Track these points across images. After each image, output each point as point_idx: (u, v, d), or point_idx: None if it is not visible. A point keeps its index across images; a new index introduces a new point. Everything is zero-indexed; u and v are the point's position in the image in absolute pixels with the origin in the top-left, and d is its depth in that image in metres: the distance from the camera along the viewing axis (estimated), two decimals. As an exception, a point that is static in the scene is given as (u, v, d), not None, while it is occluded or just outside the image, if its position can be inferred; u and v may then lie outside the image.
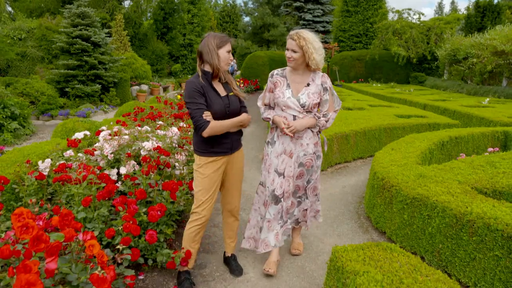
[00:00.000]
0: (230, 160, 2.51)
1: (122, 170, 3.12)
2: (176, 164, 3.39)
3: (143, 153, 3.31)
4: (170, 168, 3.29)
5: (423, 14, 19.61)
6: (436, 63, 18.20)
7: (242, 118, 2.41)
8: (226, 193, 2.62)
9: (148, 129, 3.98)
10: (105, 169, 3.17)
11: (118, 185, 2.91)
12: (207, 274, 2.67)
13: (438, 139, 4.66)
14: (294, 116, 2.59)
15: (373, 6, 23.37)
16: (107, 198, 2.55)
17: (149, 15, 22.77)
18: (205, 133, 2.26)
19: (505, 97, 12.08)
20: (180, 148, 3.80)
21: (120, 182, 3.11)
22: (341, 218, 3.69)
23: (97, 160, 3.49)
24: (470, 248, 2.33)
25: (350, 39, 24.51)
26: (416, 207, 2.73)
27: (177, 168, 3.37)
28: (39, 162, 3.26)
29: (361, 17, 23.86)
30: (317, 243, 3.17)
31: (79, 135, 4.18)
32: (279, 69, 2.75)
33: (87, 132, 4.35)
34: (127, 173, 3.00)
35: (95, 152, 3.45)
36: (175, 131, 3.99)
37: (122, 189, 2.96)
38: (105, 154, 3.41)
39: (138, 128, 4.19)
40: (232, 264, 2.74)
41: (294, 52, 2.51)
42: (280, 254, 2.89)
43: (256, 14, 30.25)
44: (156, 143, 3.44)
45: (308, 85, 2.61)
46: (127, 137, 3.67)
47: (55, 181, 2.72)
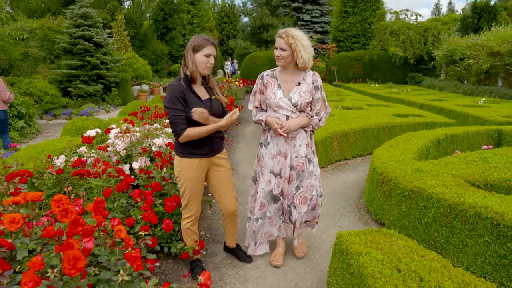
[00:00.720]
0: (214, 162, 2.49)
1: (135, 165, 3.30)
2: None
3: (154, 149, 3.50)
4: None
5: (420, 15, 19.86)
6: (433, 63, 18.43)
7: (221, 124, 2.33)
8: (220, 198, 2.58)
9: (158, 126, 4.16)
10: (118, 165, 3.34)
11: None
12: (218, 262, 2.85)
13: (434, 137, 4.85)
14: (287, 116, 2.57)
15: (371, 7, 23.63)
16: (124, 191, 2.73)
17: (148, 15, 22.94)
18: (181, 140, 2.28)
19: (500, 97, 12.31)
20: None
21: (133, 177, 3.29)
22: (342, 212, 3.87)
23: (109, 156, 3.67)
24: (462, 235, 2.52)
25: (348, 40, 24.75)
26: (413, 199, 2.92)
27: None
28: (54, 158, 3.44)
29: (359, 17, 24.11)
30: (320, 234, 3.36)
31: (91, 133, 4.34)
32: (269, 70, 2.72)
33: (98, 130, 4.51)
34: (140, 167, 3.18)
35: (108, 149, 3.62)
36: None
37: (135, 183, 3.14)
38: (117, 150, 3.59)
39: (146, 126, 4.37)
40: (239, 254, 2.87)
41: (283, 50, 2.48)
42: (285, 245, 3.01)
43: (255, 14, 30.36)
44: (167, 140, 3.62)
45: (299, 84, 2.59)
46: (138, 134, 3.84)
47: (74, 174, 2.89)
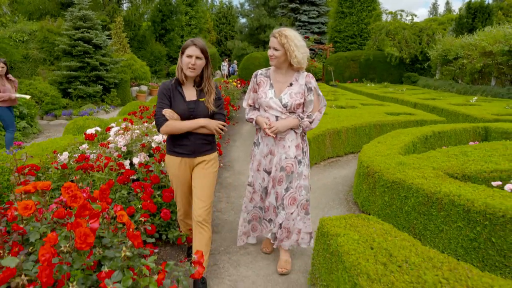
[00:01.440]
0: (197, 164, 2.48)
1: (135, 160, 3.50)
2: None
3: (153, 145, 3.70)
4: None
5: (415, 15, 20.13)
6: (428, 63, 18.67)
7: (202, 122, 2.34)
8: (193, 201, 2.49)
9: (157, 124, 4.35)
10: (119, 159, 3.55)
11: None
12: (213, 249, 3.05)
13: (422, 133, 5.06)
14: (277, 116, 2.55)
15: (367, 7, 23.88)
16: (125, 183, 2.93)
17: (146, 16, 23.14)
18: (161, 130, 2.33)
19: (493, 96, 12.54)
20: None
21: (133, 170, 3.49)
22: (331, 204, 4.08)
23: (110, 152, 3.87)
24: (438, 222, 2.73)
25: (345, 40, 24.99)
26: (395, 190, 3.12)
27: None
28: (58, 154, 3.65)
29: (355, 18, 24.36)
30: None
31: (91, 131, 4.54)
32: (264, 69, 2.72)
33: (98, 128, 4.72)
34: (140, 162, 3.38)
35: (110, 145, 3.82)
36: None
37: (135, 177, 3.34)
38: (118, 146, 3.79)
39: (145, 125, 4.58)
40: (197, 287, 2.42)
41: (276, 50, 2.47)
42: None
43: (253, 15, 30.64)
44: (165, 136, 3.82)
45: (291, 85, 2.57)
46: (138, 131, 4.04)
47: (78, 168, 3.09)
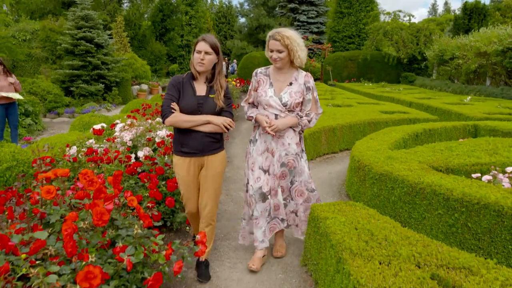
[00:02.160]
0: (204, 163, 2.51)
1: (140, 153, 3.72)
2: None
3: (157, 139, 3.93)
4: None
5: (413, 16, 20.34)
6: (425, 63, 18.92)
7: (209, 118, 2.39)
8: (200, 198, 2.58)
9: (160, 120, 4.58)
10: (128, 152, 3.78)
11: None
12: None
13: (412, 130, 5.30)
14: (276, 115, 2.59)
15: (366, 8, 24.10)
16: (133, 174, 3.16)
17: (146, 16, 23.33)
18: (167, 122, 2.37)
19: (487, 96, 12.79)
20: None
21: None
22: (325, 197, 4.31)
23: (117, 146, 4.10)
24: (421, 210, 2.96)
25: (344, 40, 25.20)
26: (383, 181, 3.36)
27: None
28: (67, 149, 3.88)
29: (354, 18, 24.57)
30: (304, 215, 3.79)
31: (98, 127, 4.77)
32: (263, 67, 2.75)
33: (104, 124, 4.95)
34: (145, 155, 3.61)
35: (116, 140, 4.05)
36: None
37: (140, 170, 3.57)
38: (124, 141, 4.02)
39: (149, 121, 4.81)
40: (201, 269, 2.62)
41: (280, 52, 2.49)
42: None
43: (252, 15, 30.89)
44: (168, 132, 4.05)
45: (290, 84, 2.62)
46: (142, 127, 4.27)
47: (89, 160, 3.31)
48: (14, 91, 6.35)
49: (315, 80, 21.39)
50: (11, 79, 6.22)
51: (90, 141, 4.20)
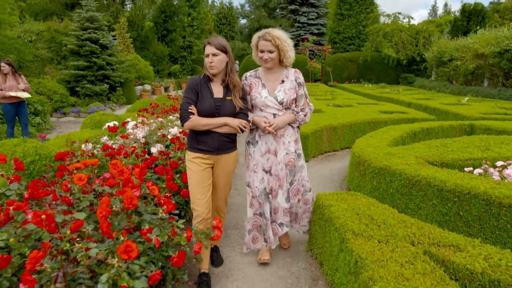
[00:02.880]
0: (218, 161, 2.57)
1: (153, 149, 3.96)
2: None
3: (169, 136, 4.16)
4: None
5: (412, 17, 20.61)
6: (425, 64, 19.17)
7: (225, 120, 2.44)
8: (213, 193, 2.67)
9: (172, 118, 4.82)
10: (144, 147, 4.02)
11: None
12: (224, 225, 3.51)
13: (410, 129, 5.53)
14: (274, 114, 2.63)
15: (366, 10, 24.36)
16: (149, 167, 3.39)
17: (148, 16, 23.54)
18: (186, 125, 2.41)
19: (484, 96, 13.04)
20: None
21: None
22: (327, 191, 4.51)
23: (130, 143, 4.33)
24: (417, 201, 3.20)
25: (344, 41, 25.46)
26: (382, 175, 3.59)
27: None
28: (82, 145, 4.11)
29: (354, 20, 24.83)
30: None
31: (111, 125, 5.01)
32: (251, 71, 2.78)
33: (116, 122, 5.18)
34: (159, 150, 3.84)
35: (129, 137, 4.29)
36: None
37: (156, 163, 3.80)
38: (137, 138, 4.25)
39: (159, 120, 5.04)
40: (213, 255, 2.89)
41: (271, 52, 2.53)
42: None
43: (253, 16, 31.17)
44: (179, 129, 4.29)
45: (282, 82, 2.66)
46: (154, 125, 4.51)
47: (106, 155, 3.54)
48: (23, 90, 6.61)
49: (316, 81, 21.67)
50: (22, 86, 6.47)
51: (104, 138, 4.44)
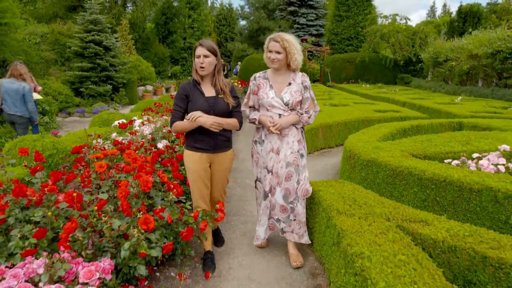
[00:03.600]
0: (215, 159, 2.71)
1: (159, 145, 4.29)
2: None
3: (174, 133, 4.49)
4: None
5: (409, 19, 20.97)
6: (421, 65, 19.52)
7: (199, 121, 2.49)
8: (211, 188, 2.82)
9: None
10: (152, 141, 4.36)
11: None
12: (226, 212, 3.85)
13: (401, 126, 5.87)
14: (280, 114, 2.75)
15: (363, 11, 24.74)
16: (157, 160, 3.72)
17: (149, 18, 23.88)
18: (171, 130, 2.64)
19: (478, 96, 13.38)
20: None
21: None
22: (321, 183, 4.88)
23: (137, 139, 4.67)
24: (400, 189, 3.53)
25: (342, 42, 25.84)
26: (370, 167, 3.92)
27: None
28: (94, 141, 4.45)
29: (352, 21, 25.20)
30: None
31: (120, 122, 5.34)
32: (261, 72, 2.89)
33: (124, 120, 5.52)
34: (165, 145, 4.18)
35: (137, 133, 4.62)
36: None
37: (162, 157, 4.13)
38: (144, 134, 4.58)
39: (164, 118, 5.37)
40: (215, 237, 3.18)
41: (278, 53, 2.67)
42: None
43: (252, 18, 31.44)
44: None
45: (289, 84, 2.78)
46: (160, 123, 4.84)
47: (118, 149, 3.87)
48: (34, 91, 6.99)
49: (314, 81, 22.00)
50: (39, 88, 6.88)
51: (113, 134, 4.78)
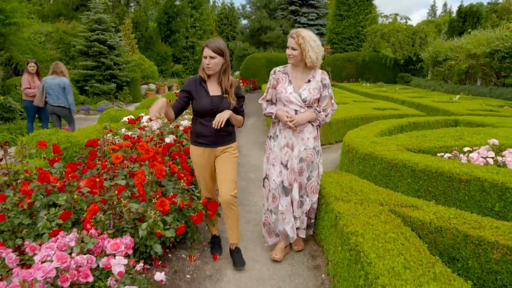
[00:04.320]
0: (218, 153, 2.76)
1: (167, 139, 4.52)
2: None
3: (181, 128, 4.72)
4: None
5: (409, 18, 21.16)
6: (421, 64, 19.71)
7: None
8: (219, 185, 2.77)
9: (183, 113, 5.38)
10: (161, 135, 4.59)
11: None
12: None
13: (398, 123, 6.08)
14: (296, 110, 2.74)
15: (364, 11, 24.89)
16: (166, 153, 3.95)
17: (151, 17, 24.11)
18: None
19: (476, 95, 13.57)
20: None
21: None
22: (321, 177, 5.11)
23: (146, 134, 4.89)
24: (395, 180, 3.75)
25: (343, 42, 26.00)
26: (367, 160, 4.14)
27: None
28: (103, 135, 4.67)
29: (352, 21, 25.36)
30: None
31: (128, 117, 5.56)
32: (281, 66, 2.88)
33: (132, 116, 5.74)
34: (173, 139, 4.40)
35: (146, 129, 4.85)
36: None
37: (171, 150, 4.35)
38: (153, 129, 4.81)
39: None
40: (234, 257, 2.83)
41: (293, 49, 2.66)
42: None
43: (254, 17, 31.59)
44: (189, 122, 4.84)
45: (309, 81, 2.76)
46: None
47: (131, 142, 4.09)
48: None
49: (315, 80, 22.15)
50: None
51: (122, 130, 5.01)
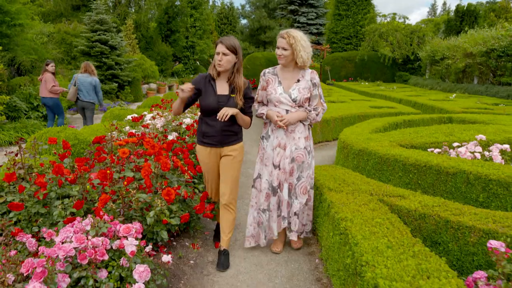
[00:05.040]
0: (223, 153, 2.75)
1: (170, 137, 4.71)
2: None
3: (184, 126, 4.92)
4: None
5: (407, 18, 21.36)
6: (419, 63, 19.92)
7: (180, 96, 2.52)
8: (220, 185, 2.79)
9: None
10: (165, 132, 4.78)
11: (171, 144, 4.50)
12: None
13: (393, 121, 6.28)
14: (287, 110, 2.77)
15: (363, 10, 25.10)
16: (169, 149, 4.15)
17: (150, 16, 24.24)
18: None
19: (472, 93, 13.77)
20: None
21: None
22: (318, 173, 5.31)
23: (149, 132, 5.09)
24: (387, 174, 3.94)
25: (342, 41, 26.21)
26: (361, 155, 4.34)
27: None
28: (108, 133, 4.86)
29: (351, 20, 25.57)
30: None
31: (131, 116, 5.76)
32: (270, 68, 2.90)
33: (135, 115, 5.94)
34: (177, 136, 4.59)
35: (149, 126, 5.04)
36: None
37: (174, 147, 4.55)
38: (156, 127, 5.01)
39: (171, 113, 5.79)
40: (220, 258, 2.79)
41: (284, 49, 2.68)
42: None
43: (253, 16, 31.87)
44: (192, 120, 5.04)
45: (298, 81, 2.78)
46: (170, 117, 5.27)
47: (137, 139, 4.29)
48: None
49: (314, 79, 22.35)
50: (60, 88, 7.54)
51: (126, 128, 5.20)
